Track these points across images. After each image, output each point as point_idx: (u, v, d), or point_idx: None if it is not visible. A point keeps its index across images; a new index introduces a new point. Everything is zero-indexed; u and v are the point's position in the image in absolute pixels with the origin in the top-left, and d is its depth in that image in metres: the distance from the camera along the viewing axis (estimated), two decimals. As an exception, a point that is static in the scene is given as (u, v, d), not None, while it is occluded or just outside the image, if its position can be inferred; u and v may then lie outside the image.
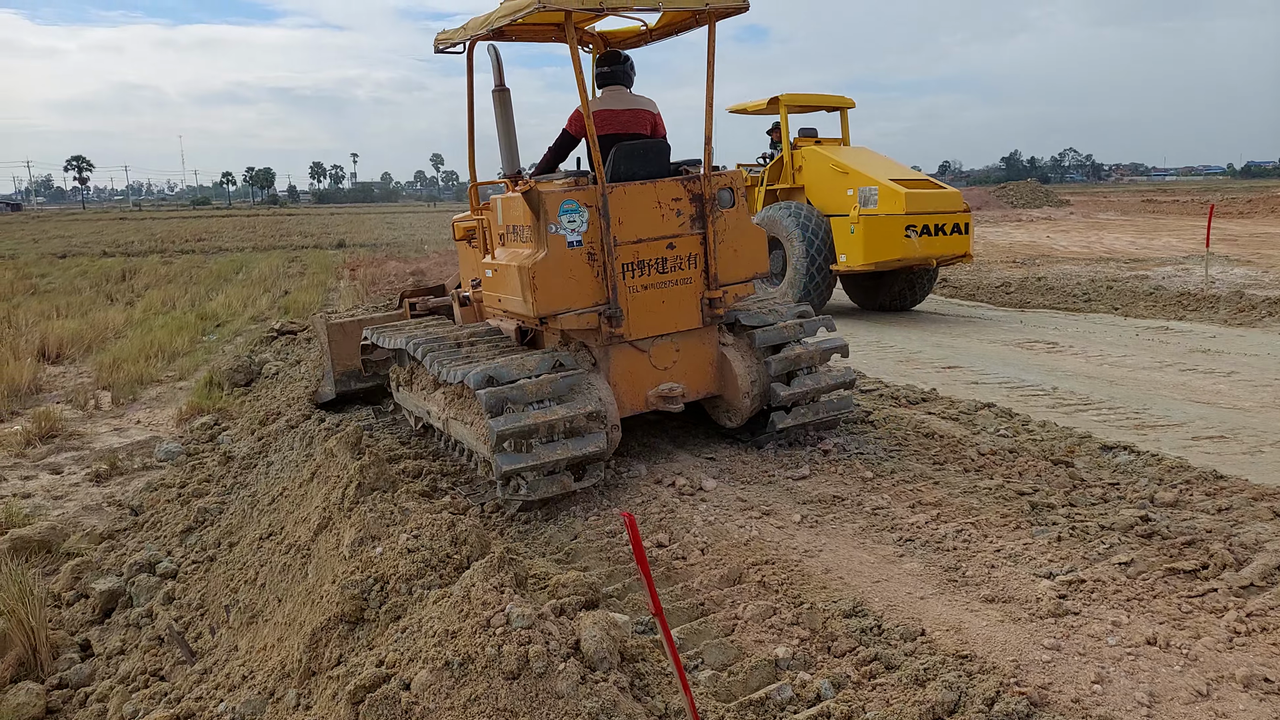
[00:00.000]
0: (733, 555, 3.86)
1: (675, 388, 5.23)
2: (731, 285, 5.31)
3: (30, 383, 9.93)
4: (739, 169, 12.46)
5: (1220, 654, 2.90)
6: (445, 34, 5.71)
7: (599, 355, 5.11)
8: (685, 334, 5.27)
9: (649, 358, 5.20)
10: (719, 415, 5.66)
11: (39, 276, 21.95)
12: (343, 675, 2.97)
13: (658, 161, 5.25)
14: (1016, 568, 3.59)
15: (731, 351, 5.39)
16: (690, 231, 5.16)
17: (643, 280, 5.06)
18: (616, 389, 5.09)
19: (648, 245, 5.05)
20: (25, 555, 5.37)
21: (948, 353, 8.54)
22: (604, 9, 4.85)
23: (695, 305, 5.23)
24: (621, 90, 5.60)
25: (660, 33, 5.87)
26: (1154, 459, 4.87)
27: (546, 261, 4.79)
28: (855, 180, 10.74)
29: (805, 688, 2.82)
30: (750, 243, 5.37)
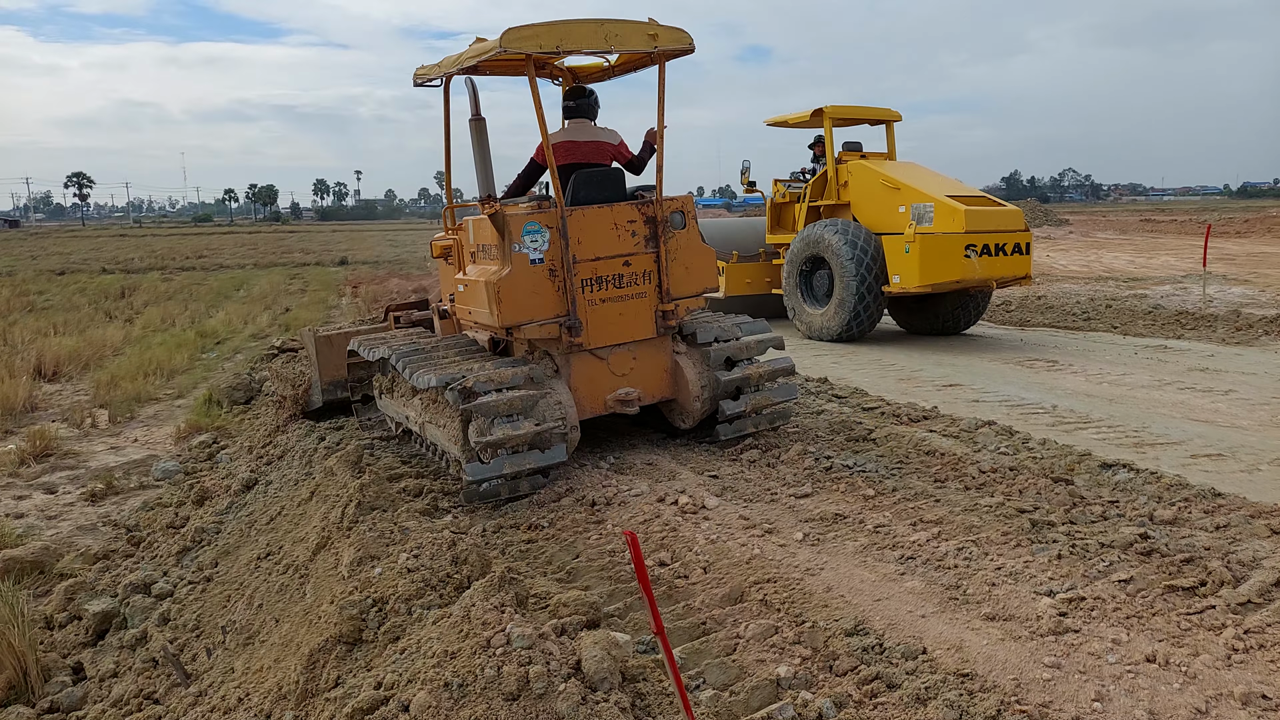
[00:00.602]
0: (734, 574, 3.84)
1: (631, 392, 5.71)
2: (683, 299, 5.81)
3: (26, 401, 9.91)
4: (777, 186, 12.09)
5: (1219, 671, 2.89)
6: (423, 69, 6.19)
7: (561, 362, 5.59)
8: (641, 343, 5.76)
9: (608, 365, 5.68)
10: (673, 417, 6.12)
11: (36, 293, 21.95)
12: (340, 697, 2.95)
13: (614, 188, 5.75)
14: (1017, 586, 3.58)
15: (684, 360, 5.89)
16: (644, 250, 5.66)
17: (601, 294, 5.55)
18: (576, 393, 5.56)
19: (605, 262, 5.54)
20: (17, 576, 5.33)
21: (949, 371, 8.55)
22: (560, 52, 5.30)
23: (650, 317, 5.72)
24: (585, 123, 6.06)
25: (621, 69, 6.39)
26: (1153, 477, 4.87)
27: (511, 277, 5.27)
28: (908, 196, 10.13)
29: (807, 707, 2.80)
30: (700, 260, 5.87)
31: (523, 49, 5.10)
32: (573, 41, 5.27)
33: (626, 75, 6.52)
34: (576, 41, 5.28)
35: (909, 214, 10.04)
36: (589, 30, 5.28)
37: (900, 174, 10.58)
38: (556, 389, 5.43)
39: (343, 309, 17.54)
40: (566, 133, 6.00)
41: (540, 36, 5.13)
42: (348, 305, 18.19)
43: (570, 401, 5.44)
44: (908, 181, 10.33)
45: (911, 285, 9.86)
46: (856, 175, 10.96)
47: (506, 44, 5.06)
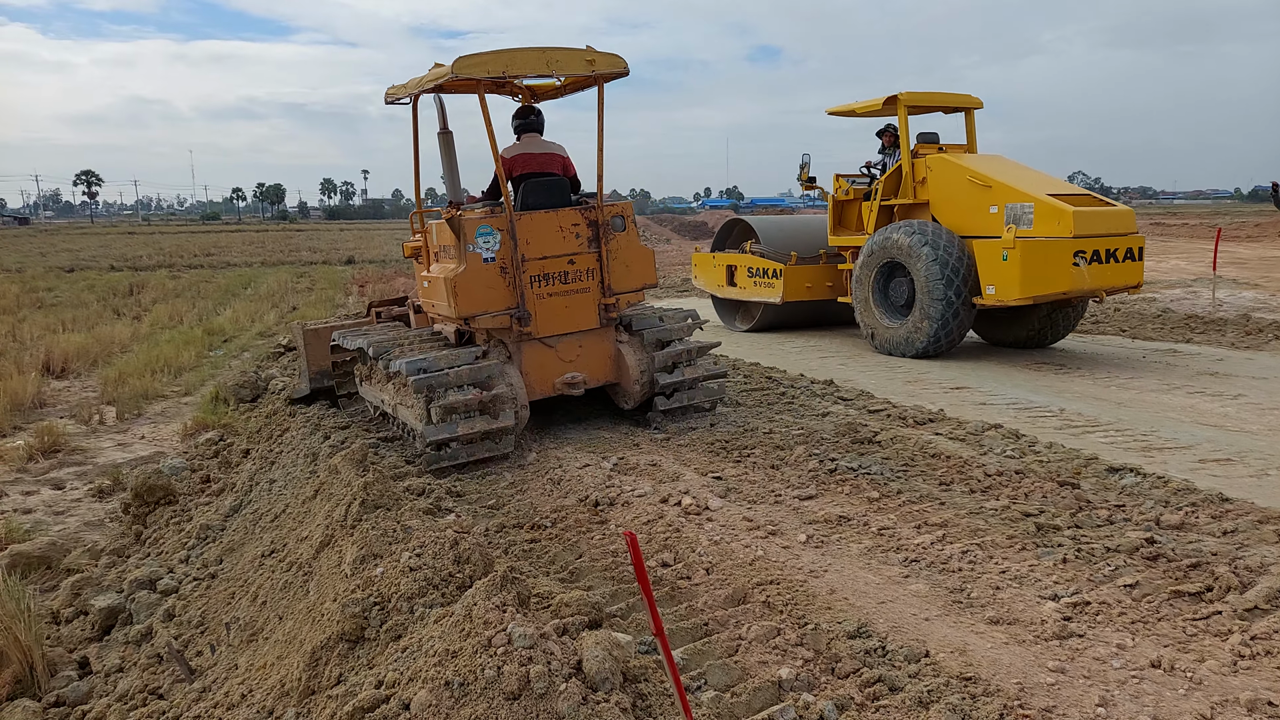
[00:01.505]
0: (738, 575, 3.83)
1: (577, 376, 6.43)
2: (624, 294, 6.55)
3: (34, 397, 9.96)
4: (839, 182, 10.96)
5: (1225, 677, 2.87)
6: (393, 89, 6.83)
7: (513, 350, 6.31)
8: (586, 333, 6.48)
9: (556, 352, 6.40)
10: (618, 399, 6.88)
11: (45, 290, 22.05)
12: (342, 695, 2.95)
13: (560, 194, 6.46)
14: (1022, 589, 3.56)
15: (625, 347, 6.60)
16: (588, 250, 6.38)
17: (548, 289, 6.26)
18: (527, 377, 6.28)
19: (552, 261, 6.25)
20: (24, 571, 5.36)
21: (956, 373, 8.52)
22: (506, 77, 5.98)
23: (594, 309, 6.45)
24: (535, 137, 6.74)
25: (570, 88, 7.09)
26: (1160, 481, 4.84)
27: (466, 274, 5.97)
28: (1002, 195, 8.88)
29: (809, 709, 2.79)
30: (639, 259, 6.60)
31: (473, 74, 5.80)
32: (517, 68, 5.93)
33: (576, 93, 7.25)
34: (521, 68, 5.95)
35: (1002, 215, 8.85)
36: (533, 57, 5.94)
37: (991, 169, 9.29)
38: (508, 372, 6.12)
39: (349, 307, 17.56)
40: (522, 146, 6.66)
41: (488, 63, 5.83)
42: (354, 304, 18.21)
43: (521, 384, 6.14)
44: (1001, 178, 9.02)
45: (1010, 297, 8.56)
46: (938, 171, 9.64)
47: (458, 70, 5.76)
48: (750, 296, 11.70)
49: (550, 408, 7.26)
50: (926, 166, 9.76)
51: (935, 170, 9.68)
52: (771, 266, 11.19)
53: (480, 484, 5.59)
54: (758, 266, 11.45)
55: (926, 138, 10.14)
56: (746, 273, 11.66)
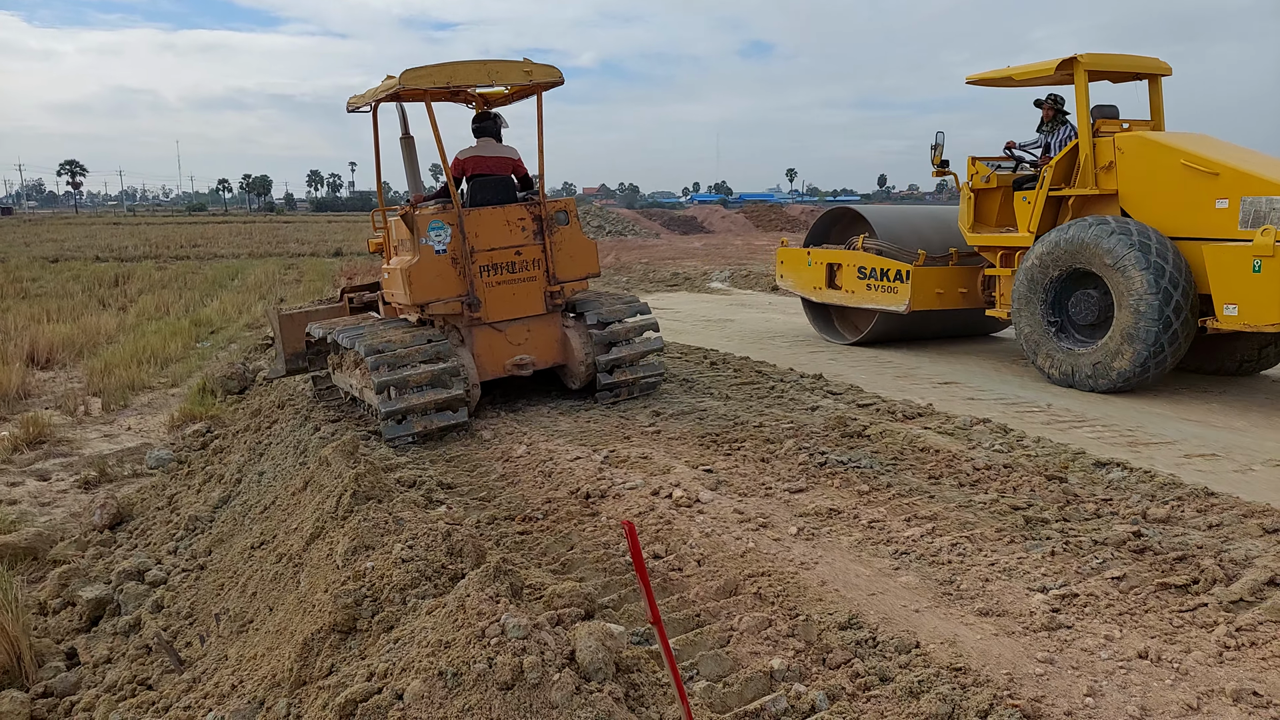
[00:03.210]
0: (729, 567, 3.85)
1: (526, 359, 6.99)
2: (568, 282, 7.11)
3: (19, 388, 9.88)
4: (976, 167, 8.93)
5: (1210, 668, 2.90)
6: (354, 99, 7.30)
7: (465, 334, 6.84)
8: (534, 318, 7.03)
9: (505, 336, 6.94)
10: (565, 379, 7.39)
11: (30, 280, 21.85)
12: (334, 685, 2.95)
13: (506, 192, 7.07)
14: (1011, 582, 3.59)
15: (571, 332, 7.13)
16: (533, 242, 6.95)
17: (497, 278, 6.82)
18: (479, 359, 6.81)
19: (500, 252, 6.82)
20: (10, 562, 5.33)
21: (945, 368, 8.56)
22: (450, 87, 6.56)
23: (540, 297, 7.01)
24: (490, 141, 7.25)
25: (516, 97, 7.61)
26: (1147, 476, 4.89)
27: (419, 265, 6.56)
28: (1235, 185, 6.85)
29: (800, 699, 2.81)
30: (582, 251, 7.19)
31: (419, 85, 6.34)
32: (460, 79, 6.45)
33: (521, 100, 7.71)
34: (464, 79, 6.47)
35: (1235, 212, 6.84)
36: (474, 69, 6.50)
37: (1213, 152, 7.26)
38: (460, 354, 6.63)
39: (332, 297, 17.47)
40: (477, 149, 7.17)
41: (433, 75, 6.35)
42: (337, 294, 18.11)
43: (472, 365, 6.69)
44: (1231, 163, 6.99)
45: (1265, 320, 6.49)
46: (1135, 153, 7.57)
47: (405, 82, 6.27)
48: (861, 303, 9.70)
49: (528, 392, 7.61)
50: (1116, 148, 7.63)
51: (1130, 152, 7.56)
52: (894, 267, 9.22)
53: (471, 476, 5.59)
54: (874, 266, 9.49)
55: (1104, 112, 8.07)
56: (856, 273, 9.72)
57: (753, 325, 12.10)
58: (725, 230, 47.45)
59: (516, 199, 7.08)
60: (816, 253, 10.43)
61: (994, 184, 8.91)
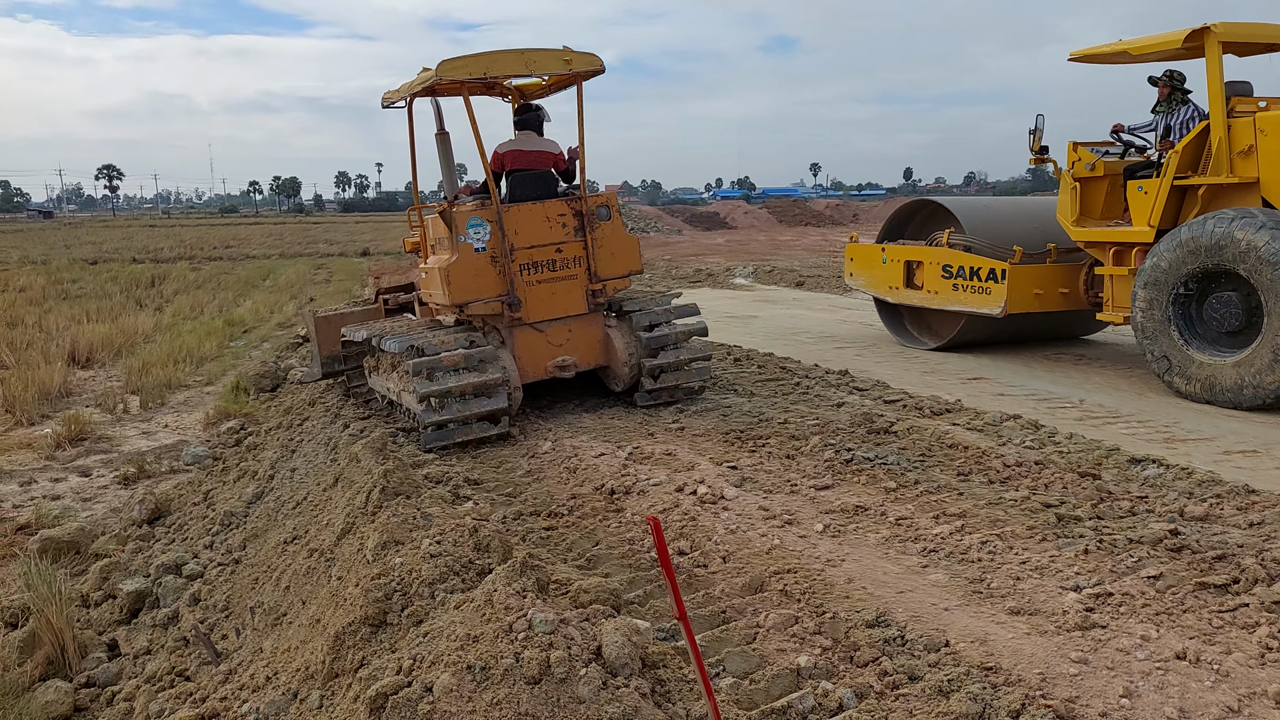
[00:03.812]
0: (754, 564, 3.84)
1: (568, 360, 6.71)
2: (610, 280, 6.82)
3: (60, 386, 10.09)
4: (1079, 153, 8.06)
5: (1252, 670, 2.85)
6: (389, 94, 7.13)
7: (505, 335, 6.61)
8: (576, 318, 6.76)
9: (546, 336, 6.68)
10: (608, 381, 7.12)
11: (70, 282, 22.31)
12: (365, 678, 2.98)
13: (546, 187, 6.79)
14: (1043, 580, 3.55)
15: (614, 331, 6.86)
16: (574, 239, 6.68)
17: (537, 277, 6.58)
18: (520, 360, 6.55)
19: (540, 250, 6.57)
20: (54, 555, 5.45)
21: (973, 364, 8.47)
22: (487, 77, 6.38)
23: (581, 295, 6.74)
24: (530, 134, 6.98)
25: (554, 88, 7.43)
26: (1184, 472, 4.80)
27: (458, 263, 6.34)
28: None
29: (827, 697, 2.80)
30: (624, 247, 6.88)
31: (455, 77, 6.17)
32: (497, 69, 6.29)
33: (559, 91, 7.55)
34: (501, 69, 6.31)
35: None
36: (511, 59, 6.30)
37: None
38: (501, 356, 6.38)
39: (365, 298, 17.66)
40: (515, 142, 6.92)
41: (469, 66, 6.18)
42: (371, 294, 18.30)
43: (513, 367, 6.43)
44: None
45: None
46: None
47: (442, 73, 6.10)
48: (946, 304, 8.79)
49: (563, 393, 7.43)
50: (1258, 129, 6.71)
51: (1275, 134, 6.64)
52: (987, 265, 8.31)
53: (498, 472, 5.62)
54: (962, 264, 8.55)
55: (1237, 89, 7.15)
56: (940, 272, 8.77)
57: (777, 322, 12.04)
58: (748, 226, 47.26)
59: (557, 194, 6.83)
60: (892, 249, 9.46)
61: (1100, 172, 7.91)
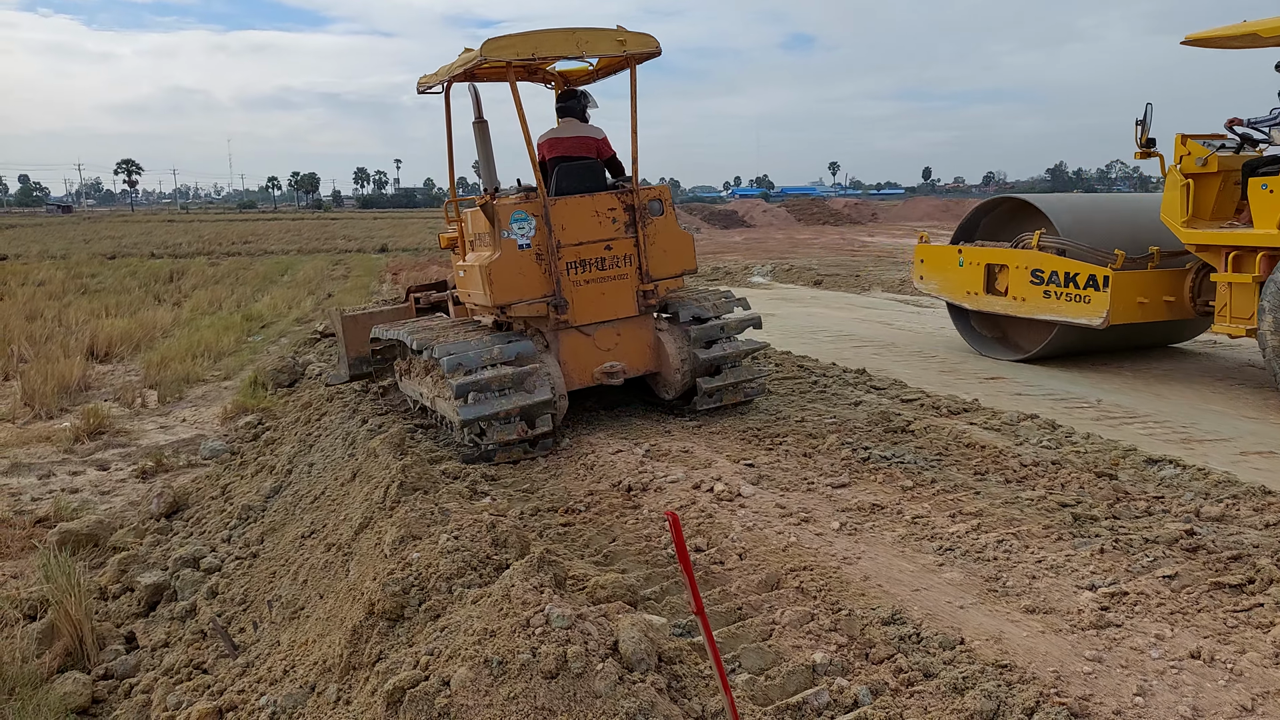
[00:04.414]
0: (771, 561, 3.85)
1: (616, 366, 6.24)
2: (662, 280, 6.33)
3: (79, 380, 10.20)
4: (1188, 146, 7.26)
5: (1266, 669, 2.84)
6: (425, 78, 6.69)
7: (550, 339, 6.14)
8: (625, 320, 6.28)
9: (593, 340, 6.21)
10: (658, 389, 6.65)
11: (89, 276, 22.52)
12: (383, 671, 3.02)
13: (594, 179, 6.32)
14: (1058, 579, 3.55)
15: (665, 335, 6.38)
16: (624, 235, 6.20)
17: (585, 276, 6.09)
18: (565, 366, 6.09)
19: (588, 247, 6.08)
20: (73, 548, 5.51)
21: (990, 364, 8.44)
22: (535, 59, 5.92)
23: (631, 296, 6.26)
24: (573, 121, 6.58)
25: (603, 73, 6.95)
26: (1200, 473, 4.78)
27: (501, 261, 5.85)
28: None
29: (843, 693, 2.81)
30: (677, 244, 6.40)
31: (501, 57, 5.71)
32: (546, 49, 5.84)
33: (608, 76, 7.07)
34: (550, 49, 5.86)
35: None
36: (561, 38, 5.84)
37: None
38: (546, 362, 5.94)
39: (384, 294, 17.75)
40: (556, 130, 6.54)
41: (516, 45, 5.73)
42: (388, 291, 18.40)
43: (559, 373, 5.99)
44: None
45: None
46: None
47: (487, 53, 5.66)
48: (1036, 312, 7.97)
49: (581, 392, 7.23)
50: None
51: None
52: (1085, 271, 7.50)
53: (514, 469, 5.65)
54: (1055, 269, 7.75)
55: None
56: (1028, 277, 7.96)
57: (795, 320, 12.02)
58: (767, 224, 47.17)
59: (605, 186, 6.36)
60: (971, 251, 8.64)
61: (1213, 168, 7.15)
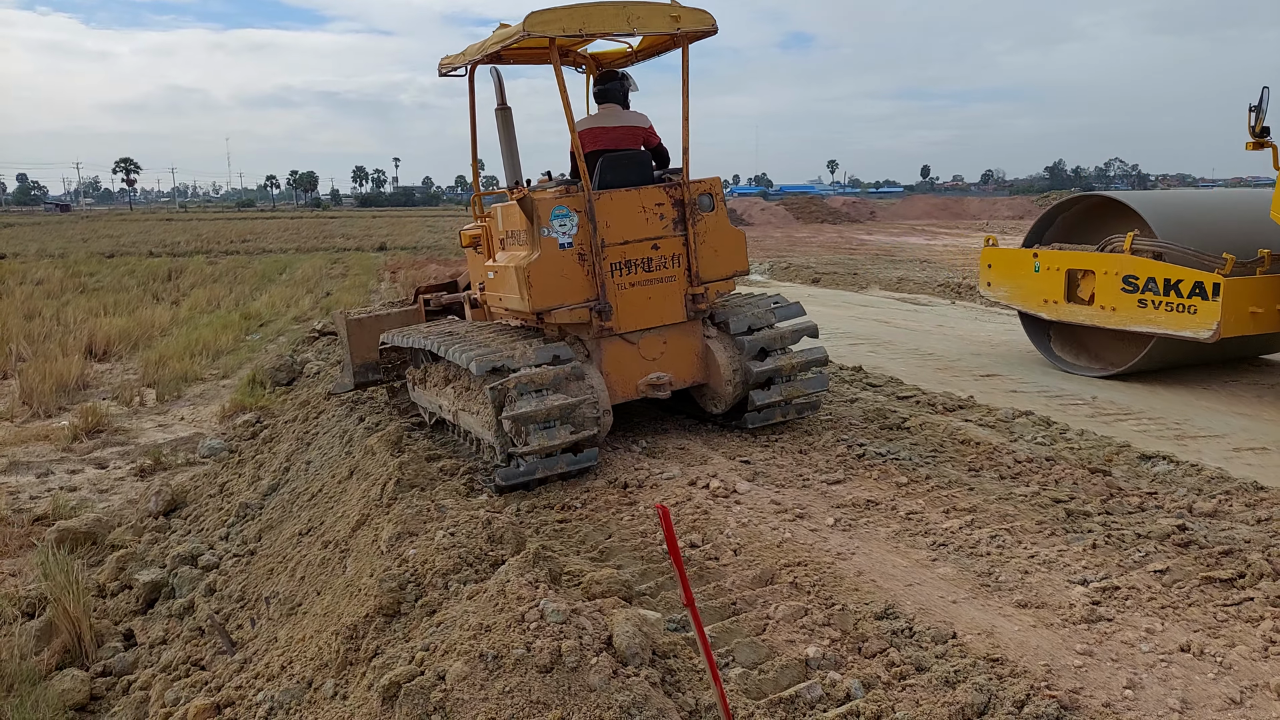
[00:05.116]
0: (765, 556, 3.87)
1: (663, 377, 5.67)
2: (713, 283, 5.76)
3: (78, 379, 10.21)
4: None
5: (1255, 662, 2.87)
6: (447, 59, 6.14)
7: (591, 347, 5.58)
8: (671, 327, 5.72)
9: (638, 349, 5.65)
10: (705, 402, 6.06)
11: (88, 275, 22.52)
12: (379, 666, 3.04)
13: (640, 171, 5.74)
14: (1050, 574, 3.57)
15: (715, 343, 5.83)
16: (673, 233, 5.62)
17: (630, 278, 5.54)
18: (608, 378, 5.53)
19: (634, 246, 5.52)
20: (71, 546, 5.53)
21: (987, 361, 8.46)
22: (583, 35, 5.42)
23: (680, 301, 5.69)
24: (614, 108, 6.01)
25: (644, 54, 6.36)
26: (1193, 469, 4.81)
27: (540, 262, 5.26)
28: None
29: (835, 687, 2.83)
30: (729, 243, 5.82)
31: (546, 32, 5.17)
32: (595, 24, 5.33)
33: (651, 59, 6.46)
34: (599, 24, 5.34)
35: None
36: (611, 13, 5.31)
37: None
38: (588, 373, 5.41)
39: (382, 293, 17.75)
40: (596, 118, 5.98)
41: (562, 20, 5.20)
42: (387, 289, 18.41)
43: (603, 387, 5.42)
44: None
45: None
46: None
47: (530, 28, 5.13)
48: (1129, 324, 7.13)
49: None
50: None
51: None
52: (1191, 277, 6.69)
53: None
54: (1153, 276, 6.92)
55: None
56: (1120, 284, 7.14)
57: (793, 318, 12.04)
58: (765, 223, 47.21)
59: (652, 179, 5.78)
60: (1050, 255, 7.87)
61: None
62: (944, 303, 12.96)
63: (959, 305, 12.64)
